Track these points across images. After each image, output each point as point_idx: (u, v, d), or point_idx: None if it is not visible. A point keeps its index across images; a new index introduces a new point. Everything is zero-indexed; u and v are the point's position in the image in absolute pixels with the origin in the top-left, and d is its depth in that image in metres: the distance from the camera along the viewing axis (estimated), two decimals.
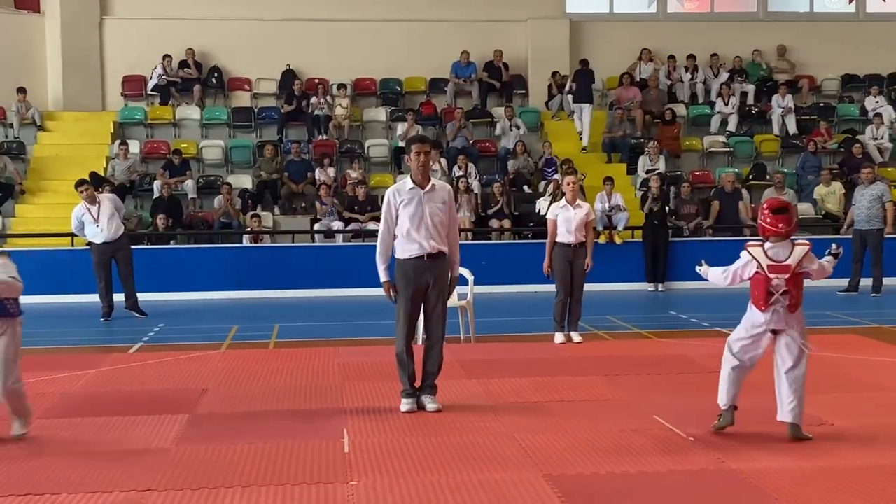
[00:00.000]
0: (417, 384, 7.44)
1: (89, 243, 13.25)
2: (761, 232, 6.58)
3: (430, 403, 7.37)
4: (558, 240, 10.29)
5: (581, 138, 19.25)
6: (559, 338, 10.29)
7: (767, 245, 6.50)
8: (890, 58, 21.23)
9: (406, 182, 7.44)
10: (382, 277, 7.44)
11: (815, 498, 5.23)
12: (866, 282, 15.00)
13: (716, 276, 6.92)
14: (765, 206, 6.58)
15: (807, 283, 6.68)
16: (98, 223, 13.03)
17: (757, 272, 6.53)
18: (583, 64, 19.30)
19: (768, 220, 6.46)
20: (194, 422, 7.17)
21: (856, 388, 8.08)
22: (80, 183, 13.26)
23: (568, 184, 10.38)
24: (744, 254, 6.61)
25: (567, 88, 19.62)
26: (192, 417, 7.30)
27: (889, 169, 18.94)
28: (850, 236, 15.09)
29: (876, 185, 15.07)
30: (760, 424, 6.79)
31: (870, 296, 14.66)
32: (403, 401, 7.39)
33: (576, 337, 10.43)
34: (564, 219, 10.27)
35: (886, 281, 15.04)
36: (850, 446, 6.26)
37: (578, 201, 10.35)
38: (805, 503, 5.14)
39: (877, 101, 20.31)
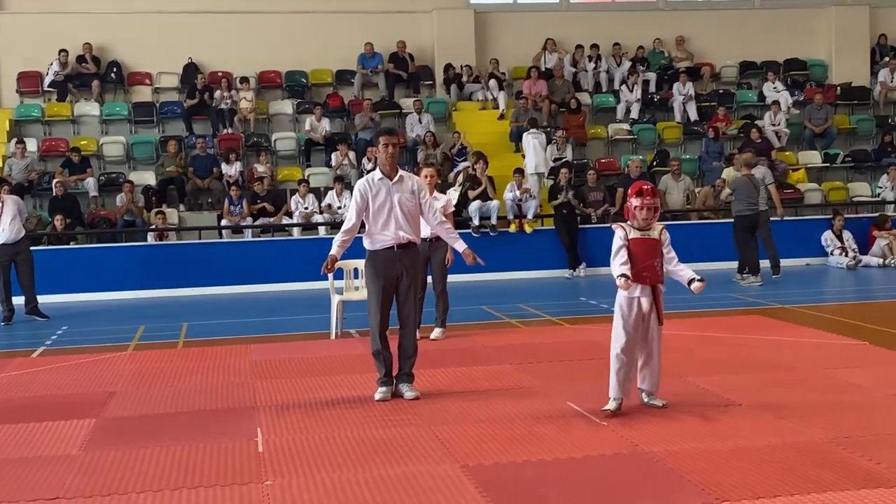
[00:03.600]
0: (394, 373, 7.53)
1: None
2: (628, 215, 6.95)
3: (407, 391, 7.47)
4: None
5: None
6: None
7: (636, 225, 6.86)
8: (786, 44, 21.84)
9: (375, 173, 7.53)
10: (332, 251, 7.43)
11: (728, 477, 5.33)
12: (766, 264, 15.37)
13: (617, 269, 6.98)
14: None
15: (710, 265, 6.88)
16: (0, 224, 12.63)
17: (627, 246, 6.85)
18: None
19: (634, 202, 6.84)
20: (102, 426, 6.98)
21: (762, 367, 8.29)
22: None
23: (425, 177, 9.80)
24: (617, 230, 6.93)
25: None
26: (100, 421, 7.11)
27: (787, 153, 19.50)
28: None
29: (758, 168, 15.30)
30: (670, 409, 6.91)
31: (771, 277, 15.03)
32: (379, 389, 7.46)
33: (434, 333, 10.21)
34: None
35: (783, 262, 15.28)
36: (759, 425, 6.42)
37: (436, 193, 10.03)
38: (718, 483, 5.24)
39: (774, 88, 20.87)
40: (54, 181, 16.73)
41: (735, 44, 21.77)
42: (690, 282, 6.89)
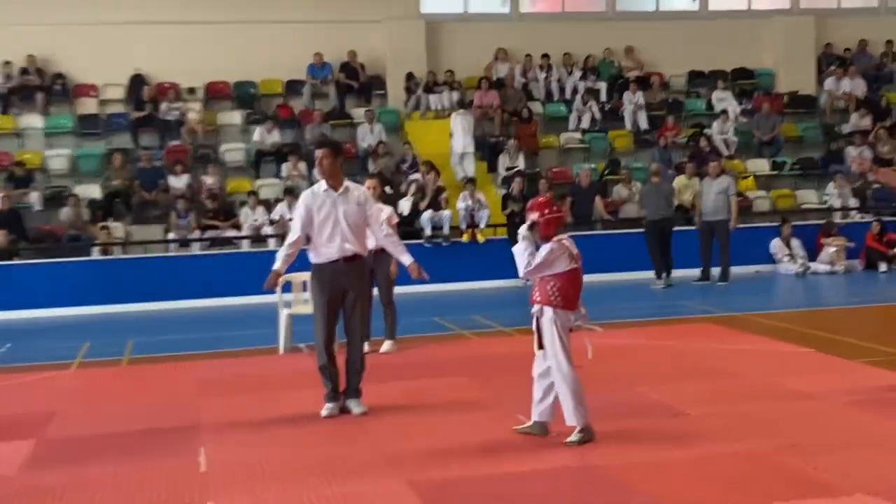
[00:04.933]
0: (342, 388, 7.40)
1: None
2: (551, 227, 6.44)
3: (355, 407, 7.36)
4: None
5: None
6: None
7: (565, 238, 6.48)
8: (734, 53, 22.06)
9: (320, 184, 7.43)
10: (275, 266, 7.29)
11: (676, 488, 5.31)
12: (716, 271, 15.50)
13: (519, 252, 6.40)
14: (540, 200, 6.56)
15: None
16: None
17: (575, 267, 6.46)
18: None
19: (558, 210, 6.50)
20: (42, 446, 6.80)
21: (710, 376, 8.29)
22: None
23: (368, 188, 9.22)
24: (556, 246, 6.40)
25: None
26: (40, 442, 6.92)
27: (735, 161, 19.67)
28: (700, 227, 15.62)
29: (722, 178, 15.60)
30: (618, 420, 6.88)
31: (716, 284, 15.15)
32: (326, 405, 7.33)
33: (385, 346, 10.06)
34: None
35: (732, 270, 15.55)
36: (707, 435, 6.40)
37: (379, 205, 9.91)
38: (666, 494, 5.21)
39: (722, 97, 21.07)
40: None
41: (684, 53, 21.92)
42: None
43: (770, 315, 12.05)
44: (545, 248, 6.36)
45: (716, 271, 15.47)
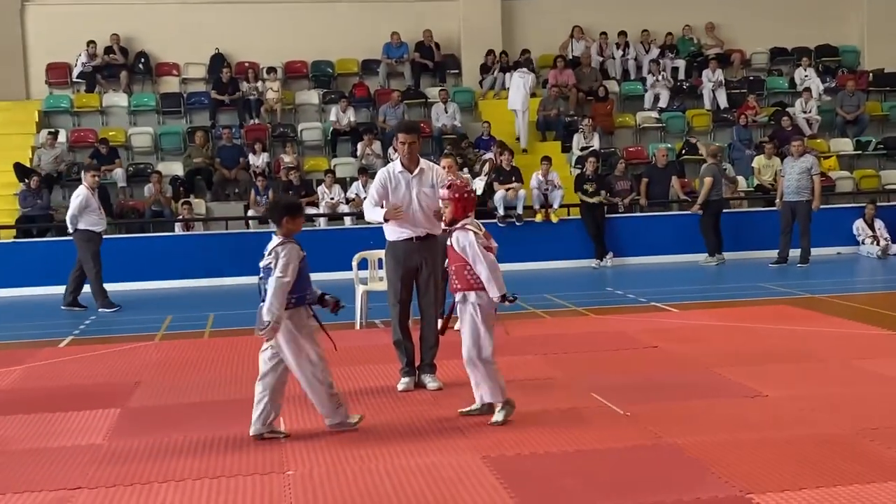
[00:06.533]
0: (417, 363, 7.53)
1: (77, 230, 12.77)
2: (467, 208, 6.39)
3: (430, 382, 7.48)
4: None
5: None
6: None
7: (469, 223, 6.39)
8: (817, 30, 21.55)
9: (395, 165, 7.51)
10: (380, 216, 7.36)
11: (751, 469, 5.27)
12: (795, 253, 15.25)
13: (486, 272, 6.24)
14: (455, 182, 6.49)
15: (740, 255, 6.73)
16: (101, 211, 12.74)
17: (488, 246, 6.36)
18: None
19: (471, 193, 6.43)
20: (127, 415, 7.02)
21: (789, 358, 8.18)
22: (95, 166, 12.91)
23: (444, 167, 9.26)
24: (472, 234, 6.30)
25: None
26: (125, 411, 7.15)
27: (818, 141, 19.26)
28: (780, 208, 15.38)
29: (805, 157, 15.32)
30: (695, 400, 6.85)
31: (796, 266, 14.91)
32: (401, 379, 7.48)
33: (458, 323, 10.12)
34: None
35: (813, 251, 15.30)
36: (784, 417, 6.34)
37: (459, 175, 9.87)
38: (743, 475, 5.18)
39: (805, 74, 20.62)
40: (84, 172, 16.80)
41: (766, 30, 21.50)
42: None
43: (851, 297, 11.82)
44: (471, 242, 6.25)
45: (795, 253, 15.22)
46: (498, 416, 6.35)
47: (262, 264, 6.28)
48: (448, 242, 6.42)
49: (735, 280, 13.90)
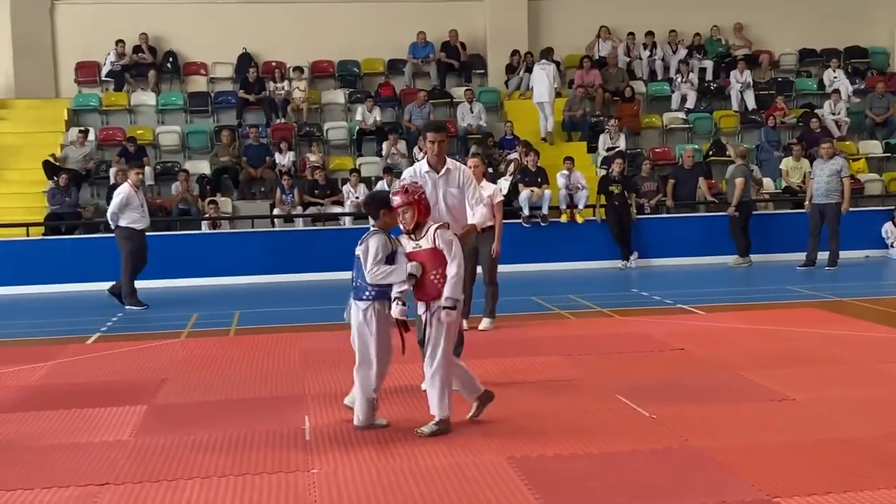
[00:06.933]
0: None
1: (117, 227, 12.89)
2: (426, 211, 6.28)
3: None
4: None
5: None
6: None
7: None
8: (847, 31, 21.37)
9: (422, 165, 7.47)
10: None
11: (778, 472, 5.23)
12: (823, 256, 15.12)
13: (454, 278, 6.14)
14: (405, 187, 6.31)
15: (767, 257, 6.67)
16: (143, 209, 12.87)
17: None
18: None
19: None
20: (153, 412, 7.06)
21: (816, 361, 8.12)
22: (139, 164, 12.96)
23: (470, 167, 9.14)
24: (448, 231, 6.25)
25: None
26: (151, 408, 7.19)
27: (847, 143, 19.10)
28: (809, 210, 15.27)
29: (835, 159, 15.19)
30: (721, 403, 6.81)
31: (824, 269, 14.79)
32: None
33: (483, 323, 10.12)
34: None
35: (842, 255, 15.16)
36: (812, 420, 6.29)
37: (484, 182, 9.72)
38: (770, 479, 5.14)
39: (835, 76, 20.45)
40: (113, 170, 16.95)
41: (795, 31, 21.36)
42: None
43: (879, 300, 11.71)
44: (449, 241, 6.12)
45: (823, 256, 15.09)
46: (427, 429, 6.16)
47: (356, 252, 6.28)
48: (436, 244, 6.17)
49: (762, 283, 13.81)
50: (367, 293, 6.21)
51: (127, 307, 12.81)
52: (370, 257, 6.08)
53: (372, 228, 6.33)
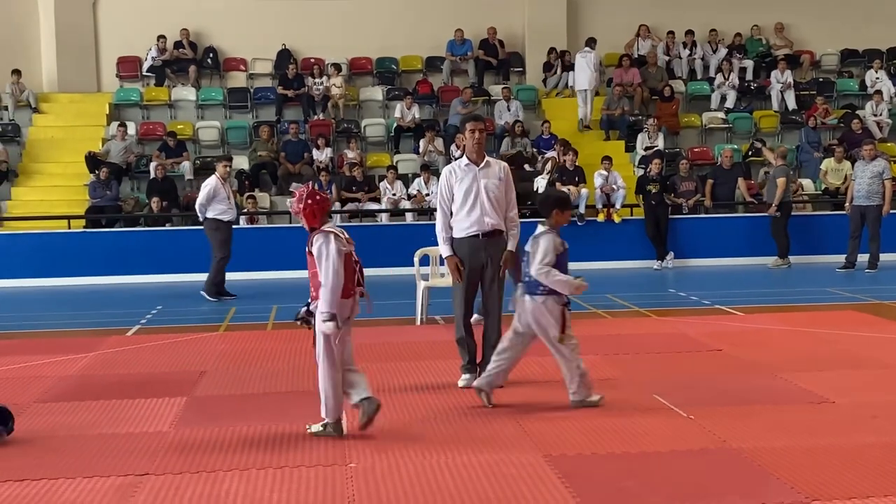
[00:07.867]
0: (479, 360, 7.51)
1: (205, 219, 13.04)
2: (317, 216, 6.26)
3: None
4: None
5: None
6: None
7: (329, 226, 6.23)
8: (889, 32, 21.10)
9: (461, 160, 7.50)
10: (445, 253, 7.44)
11: (817, 476, 5.19)
12: (863, 258, 14.95)
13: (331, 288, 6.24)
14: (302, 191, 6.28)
15: (806, 259, 6.61)
16: (230, 200, 12.99)
17: (347, 251, 6.25)
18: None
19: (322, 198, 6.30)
20: (192, 404, 7.13)
21: (856, 364, 8.04)
22: (227, 156, 13.29)
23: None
24: (333, 238, 6.15)
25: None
26: (191, 400, 7.26)
27: (889, 144, 18.87)
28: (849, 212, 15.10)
29: (877, 161, 15.02)
30: (759, 405, 6.76)
31: (864, 272, 14.63)
32: (462, 376, 7.49)
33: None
34: None
35: (883, 257, 15.01)
36: (851, 424, 6.23)
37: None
38: (808, 481, 5.10)
39: (877, 77, 20.21)
40: (153, 164, 17.13)
41: (836, 31, 21.13)
42: None
43: None
44: (329, 248, 6.09)
45: (863, 258, 14.93)
46: (315, 427, 6.17)
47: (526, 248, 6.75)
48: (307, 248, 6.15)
49: (801, 284, 13.68)
50: (540, 288, 6.62)
51: (201, 292, 12.98)
52: (539, 255, 6.52)
53: (542, 227, 6.68)
